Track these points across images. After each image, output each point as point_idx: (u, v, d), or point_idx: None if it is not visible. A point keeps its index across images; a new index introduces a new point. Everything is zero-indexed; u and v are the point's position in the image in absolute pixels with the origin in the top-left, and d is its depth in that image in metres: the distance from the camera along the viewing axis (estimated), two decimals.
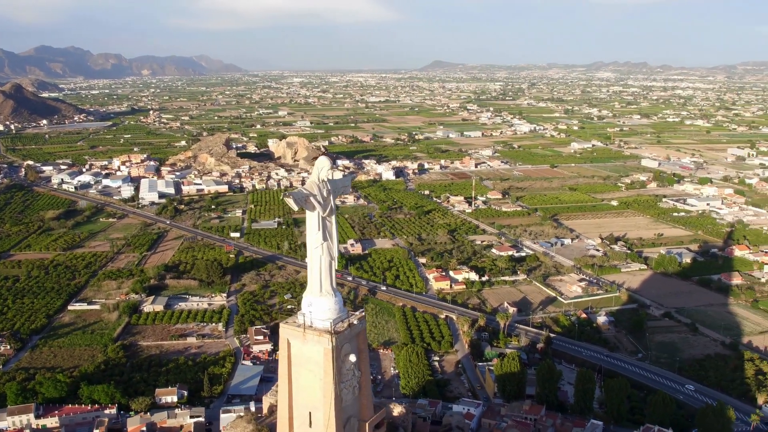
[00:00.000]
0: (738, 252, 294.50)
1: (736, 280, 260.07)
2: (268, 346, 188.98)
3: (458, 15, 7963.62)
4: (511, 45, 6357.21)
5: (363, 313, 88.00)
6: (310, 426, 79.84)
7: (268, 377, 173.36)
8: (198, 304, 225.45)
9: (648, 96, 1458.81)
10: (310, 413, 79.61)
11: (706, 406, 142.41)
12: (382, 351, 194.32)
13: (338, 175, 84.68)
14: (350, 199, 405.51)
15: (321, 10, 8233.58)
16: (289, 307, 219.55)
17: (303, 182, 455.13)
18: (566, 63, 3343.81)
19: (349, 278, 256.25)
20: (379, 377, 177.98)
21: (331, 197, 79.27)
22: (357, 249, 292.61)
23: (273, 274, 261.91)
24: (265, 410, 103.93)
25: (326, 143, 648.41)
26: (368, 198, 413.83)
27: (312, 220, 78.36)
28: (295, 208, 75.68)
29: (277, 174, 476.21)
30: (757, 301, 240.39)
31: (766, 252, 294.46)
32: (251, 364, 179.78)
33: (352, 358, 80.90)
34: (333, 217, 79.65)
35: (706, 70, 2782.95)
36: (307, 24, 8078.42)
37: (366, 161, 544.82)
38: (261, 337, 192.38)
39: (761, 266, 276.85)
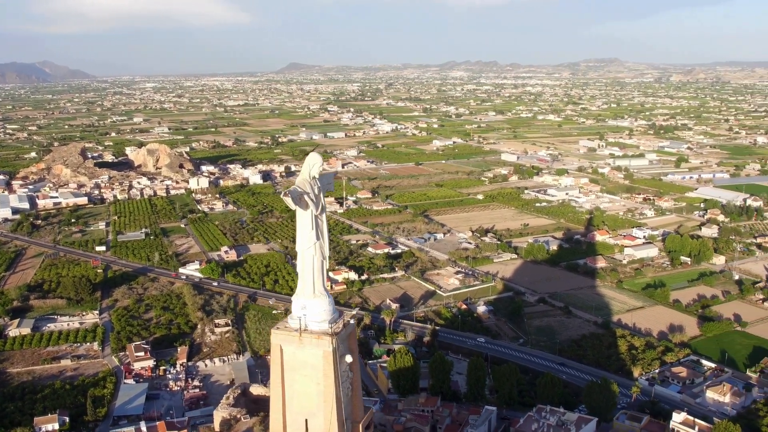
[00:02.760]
0: (599, 237, 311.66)
1: (601, 263, 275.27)
2: (150, 362, 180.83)
3: (312, 17, 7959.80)
4: (366, 46, 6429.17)
5: (354, 311, 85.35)
6: None
7: (154, 394, 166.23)
8: (69, 324, 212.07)
9: (500, 93, 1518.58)
10: (306, 420, 76.20)
11: (592, 383, 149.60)
12: (269, 357, 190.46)
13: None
14: (218, 205, 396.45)
15: (172, 12, 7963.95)
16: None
17: (168, 190, 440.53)
18: (420, 63, 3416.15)
19: (229, 285, 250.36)
20: (268, 383, 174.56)
21: (321, 195, 76.20)
22: (232, 256, 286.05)
23: (146, 287, 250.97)
24: (216, 426, 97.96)
25: (188, 149, 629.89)
26: (237, 203, 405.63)
27: (305, 219, 74.93)
28: (293, 207, 72.08)
29: (139, 183, 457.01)
30: (621, 282, 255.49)
31: (624, 236, 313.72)
32: (134, 383, 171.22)
33: (349, 358, 78.33)
34: (324, 215, 76.60)
35: (552, 68, 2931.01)
36: (158, 27, 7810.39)
37: (231, 166, 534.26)
38: (142, 354, 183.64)
39: (621, 249, 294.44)
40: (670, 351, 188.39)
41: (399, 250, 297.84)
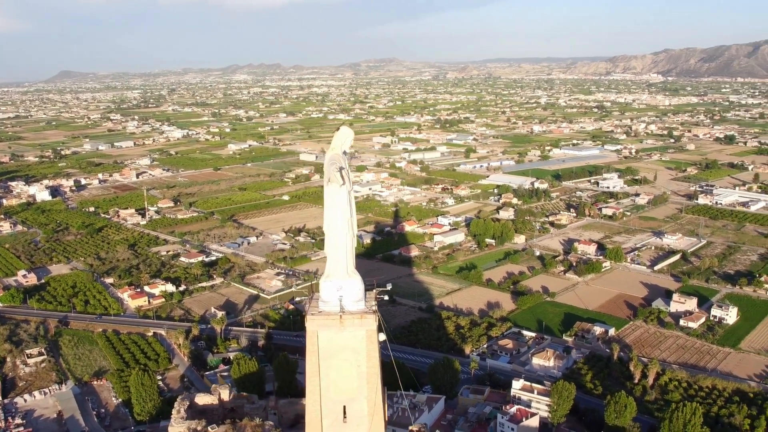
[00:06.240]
0: (408, 227, 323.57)
1: (414, 252, 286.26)
2: None
3: (83, 22, 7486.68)
4: (144, 52, 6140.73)
5: (375, 290, 79.29)
6: (345, 420, 70.53)
7: None
8: None
9: (288, 95, 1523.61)
10: (344, 407, 70.24)
11: (435, 363, 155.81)
12: (96, 383, 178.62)
13: None
14: (6, 227, 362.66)
15: None
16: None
17: None
18: (202, 67, 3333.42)
19: (35, 312, 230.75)
20: (103, 410, 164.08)
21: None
22: (32, 279, 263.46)
23: None
24: None
25: None
26: (26, 223, 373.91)
27: (340, 195, 68.78)
28: (340, 183, 65.96)
29: None
30: (436, 267, 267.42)
31: (431, 224, 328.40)
32: None
33: (382, 336, 73.32)
34: (352, 192, 71.38)
35: (335, 68, 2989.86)
36: None
37: (13, 183, 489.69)
38: None
39: (431, 237, 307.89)
40: (493, 326, 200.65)
41: (214, 257, 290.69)
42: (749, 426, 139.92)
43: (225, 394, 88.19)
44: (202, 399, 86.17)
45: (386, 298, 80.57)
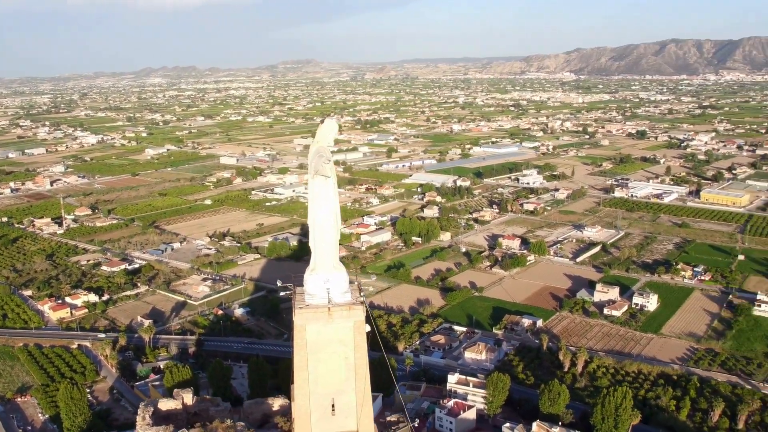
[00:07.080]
0: None
1: (342, 252, 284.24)
2: None
3: None
4: (52, 55, 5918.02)
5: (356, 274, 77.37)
6: (333, 413, 68.38)
7: None
8: None
9: (205, 98, 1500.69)
10: (333, 399, 68.10)
11: (370, 361, 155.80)
12: (20, 399, 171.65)
13: None
14: None
15: None
16: None
17: None
18: (114, 71, 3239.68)
19: None
20: (29, 428, 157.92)
21: None
22: None
23: None
24: None
25: None
26: None
27: (326, 188, 66.87)
28: (328, 175, 63.69)
29: None
30: (365, 267, 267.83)
31: (357, 224, 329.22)
32: None
33: (367, 327, 71.36)
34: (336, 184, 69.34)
35: (251, 71, 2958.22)
36: None
37: None
38: None
39: (358, 237, 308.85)
40: (425, 323, 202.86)
41: (137, 265, 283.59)
42: (675, 407, 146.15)
43: (188, 399, 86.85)
44: (165, 404, 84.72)
45: (372, 288, 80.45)
